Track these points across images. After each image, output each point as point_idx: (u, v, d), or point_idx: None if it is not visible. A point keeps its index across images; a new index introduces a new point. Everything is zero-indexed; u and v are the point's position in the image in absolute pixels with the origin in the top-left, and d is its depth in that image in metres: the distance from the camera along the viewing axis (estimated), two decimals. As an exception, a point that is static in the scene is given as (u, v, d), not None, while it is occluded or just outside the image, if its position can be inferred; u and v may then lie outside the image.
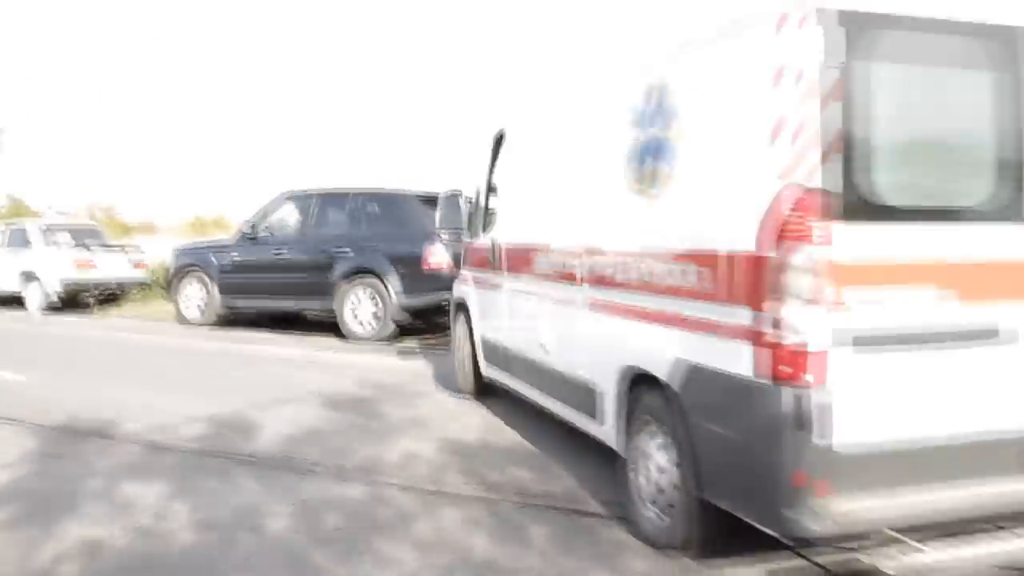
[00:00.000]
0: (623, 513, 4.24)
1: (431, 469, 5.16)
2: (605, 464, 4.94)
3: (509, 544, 3.97)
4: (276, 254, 11.80)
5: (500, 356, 6.50)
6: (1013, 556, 3.30)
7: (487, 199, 6.79)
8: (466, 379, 7.35)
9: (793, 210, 3.07)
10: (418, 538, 4.04)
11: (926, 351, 3.24)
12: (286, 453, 5.51)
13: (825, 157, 3.08)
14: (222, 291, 12.27)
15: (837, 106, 3.09)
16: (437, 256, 10.75)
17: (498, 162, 6.63)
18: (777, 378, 3.11)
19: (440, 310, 11.25)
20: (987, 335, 3.32)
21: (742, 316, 3.26)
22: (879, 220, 3.16)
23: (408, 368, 9.14)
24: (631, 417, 4.20)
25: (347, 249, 11.27)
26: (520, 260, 5.95)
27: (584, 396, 4.73)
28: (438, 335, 11.54)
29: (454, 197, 7.21)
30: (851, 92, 3.12)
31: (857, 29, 3.13)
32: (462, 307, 7.34)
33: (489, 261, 6.58)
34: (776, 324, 3.10)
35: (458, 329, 7.48)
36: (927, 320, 3.22)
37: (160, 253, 15.91)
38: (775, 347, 3.11)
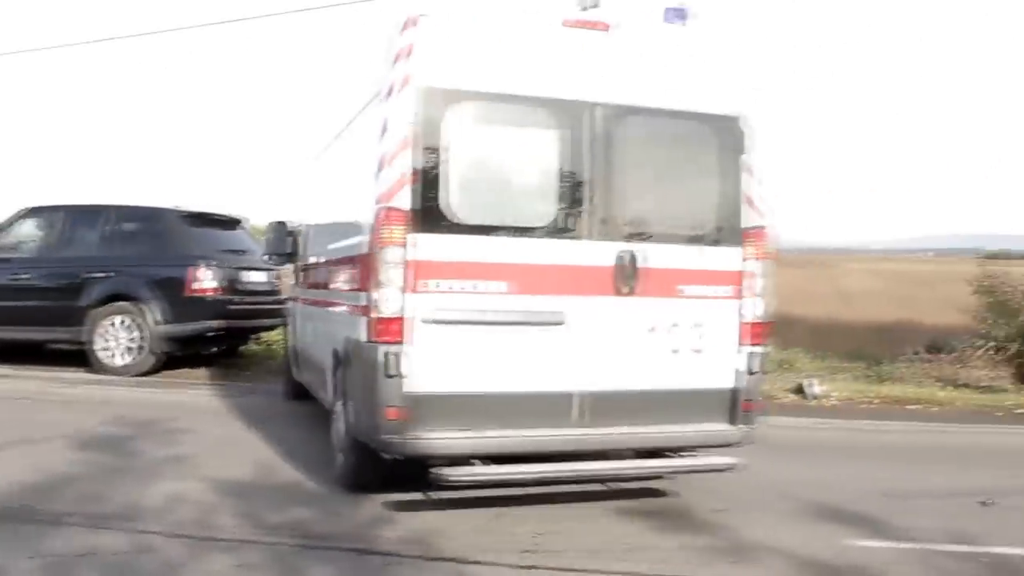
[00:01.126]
0: (401, 548, 4.23)
1: (200, 512, 4.83)
2: (390, 502, 4.97)
3: (288, 588, 3.81)
4: (16, 277, 10.54)
5: (297, 358, 7.84)
6: (544, 476, 4.76)
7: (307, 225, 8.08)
8: (287, 386, 8.61)
9: (384, 223, 4.46)
10: (186, 589, 3.76)
11: (488, 326, 4.56)
12: (28, 503, 4.91)
13: (408, 186, 4.45)
14: (-49, 320, 10.74)
15: (419, 151, 4.46)
16: (203, 280, 10.15)
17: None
18: (372, 339, 4.49)
19: (208, 339, 10.65)
20: (541, 318, 4.64)
21: (364, 299, 4.61)
22: (450, 232, 4.50)
23: (172, 403, 8.55)
24: (337, 385, 5.47)
25: (100, 272, 10.31)
26: (304, 274, 7.68)
27: (321, 375, 6.12)
28: (206, 366, 10.91)
29: (279, 225, 8.35)
30: (429, 141, 4.48)
31: (437, 98, 4.49)
32: (287, 323, 8.71)
33: (298, 279, 8.24)
34: (374, 302, 4.47)
35: (286, 342, 8.89)
36: (489, 304, 4.55)
37: None
38: (372, 317, 4.49)
